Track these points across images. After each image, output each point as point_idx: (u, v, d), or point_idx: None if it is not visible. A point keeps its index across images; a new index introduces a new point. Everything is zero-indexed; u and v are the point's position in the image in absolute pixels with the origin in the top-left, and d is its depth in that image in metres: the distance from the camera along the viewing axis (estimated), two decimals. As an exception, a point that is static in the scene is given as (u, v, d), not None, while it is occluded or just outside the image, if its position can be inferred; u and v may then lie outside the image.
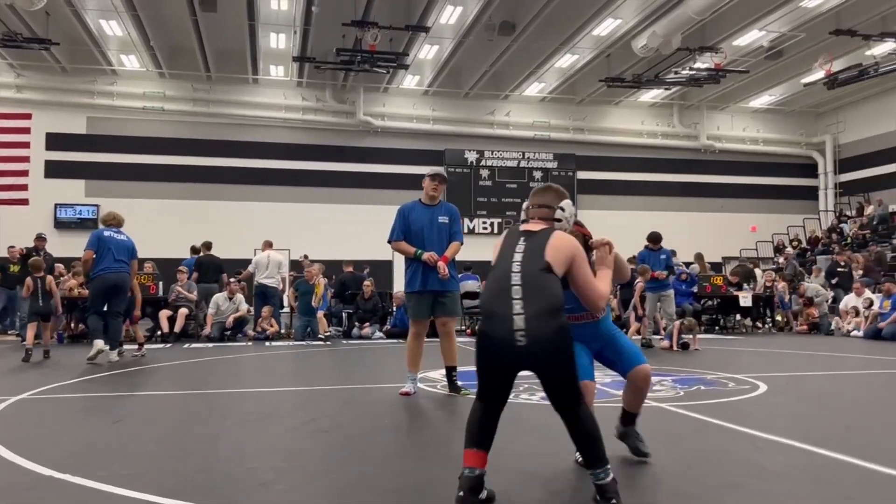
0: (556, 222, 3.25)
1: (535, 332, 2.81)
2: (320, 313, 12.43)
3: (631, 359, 3.68)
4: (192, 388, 6.91)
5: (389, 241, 6.16)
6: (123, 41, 18.05)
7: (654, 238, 11.37)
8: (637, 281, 11.27)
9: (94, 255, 8.64)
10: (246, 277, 13.30)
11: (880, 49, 17.27)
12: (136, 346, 9.61)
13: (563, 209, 3.32)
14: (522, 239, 3.14)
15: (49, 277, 9.52)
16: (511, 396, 3.56)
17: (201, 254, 13.51)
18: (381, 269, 18.50)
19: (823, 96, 22.20)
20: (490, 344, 2.91)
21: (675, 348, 10.49)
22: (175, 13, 16.35)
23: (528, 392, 6.19)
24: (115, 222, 9.01)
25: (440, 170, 6.25)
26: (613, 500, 2.88)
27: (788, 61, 19.33)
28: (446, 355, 6.24)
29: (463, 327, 14.31)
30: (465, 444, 3.00)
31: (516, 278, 2.95)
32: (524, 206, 3.49)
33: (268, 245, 13.44)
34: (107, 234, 8.80)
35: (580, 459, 3.35)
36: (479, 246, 19.10)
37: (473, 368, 3.09)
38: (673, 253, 15.77)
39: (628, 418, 3.84)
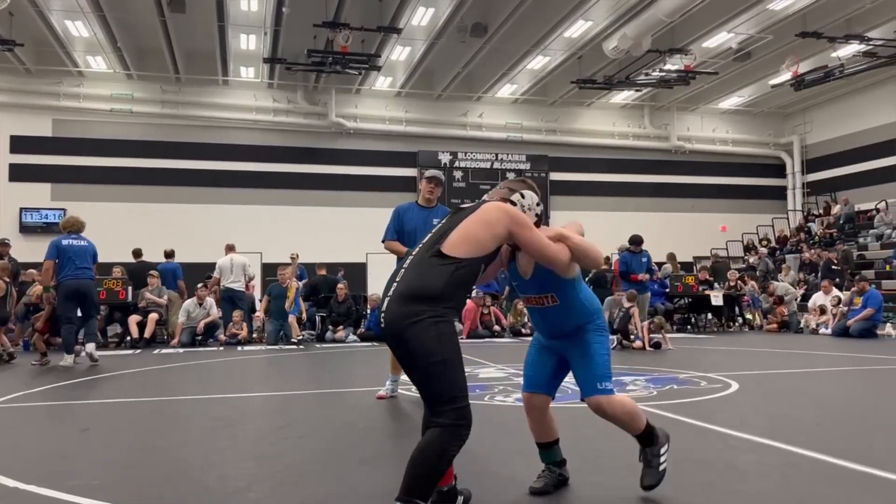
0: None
1: (390, 314, 2.68)
2: (292, 317, 12.30)
3: (585, 387, 3.22)
4: (162, 394, 6.80)
5: (383, 241, 6.13)
6: (90, 42, 17.74)
7: (636, 240, 11.39)
8: (630, 307, 11.05)
9: (56, 264, 8.73)
10: (214, 284, 13.10)
11: (845, 51, 17.59)
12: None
13: (522, 196, 3.11)
14: (448, 217, 2.98)
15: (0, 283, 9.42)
16: (485, 399, 3.57)
17: (133, 261, 13.45)
18: (355, 272, 18.44)
19: (791, 97, 22.56)
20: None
21: (647, 348, 10.58)
22: (143, 14, 16.12)
23: (502, 394, 6.19)
24: (74, 228, 9.07)
25: (437, 173, 6.25)
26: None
27: (756, 63, 19.62)
28: None
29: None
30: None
31: (408, 260, 2.86)
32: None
33: (230, 248, 13.29)
34: (66, 242, 8.87)
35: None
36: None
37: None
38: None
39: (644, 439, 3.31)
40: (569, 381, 3.47)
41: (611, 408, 3.16)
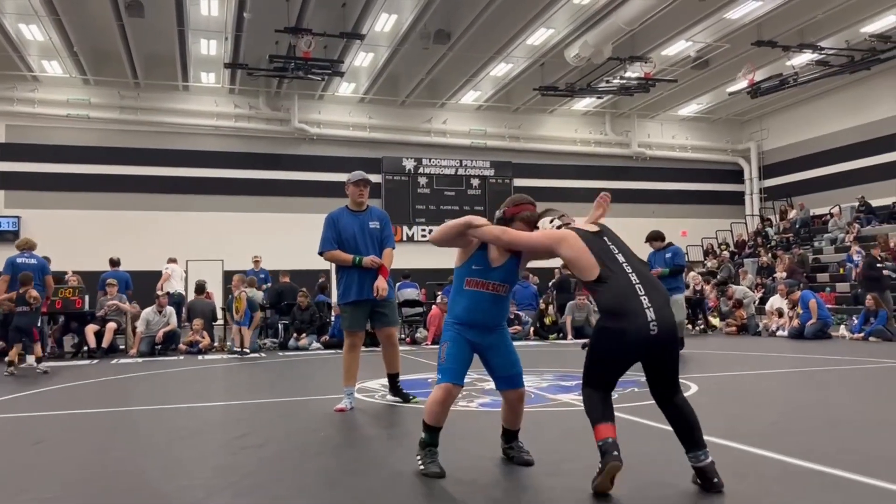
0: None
1: (663, 321, 3.22)
2: (237, 328, 12.00)
3: (513, 379, 3.79)
4: (120, 405, 6.67)
5: (321, 253, 5.85)
6: (45, 46, 17.37)
7: (654, 237, 10.53)
8: None
9: (10, 279, 9.90)
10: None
11: (799, 60, 18.04)
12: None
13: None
14: (605, 238, 3.60)
15: None
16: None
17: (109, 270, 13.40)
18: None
19: (748, 105, 23.06)
20: (628, 337, 3.22)
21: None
22: (100, 18, 15.83)
23: (465, 399, 6.20)
24: (27, 247, 10.43)
25: (363, 174, 5.99)
26: (715, 480, 3.25)
27: (714, 71, 20.02)
28: (390, 363, 6.10)
29: (403, 336, 14.25)
30: (597, 421, 3.29)
31: (634, 277, 3.34)
32: (546, 213, 4.00)
33: (173, 261, 14.24)
34: (20, 260, 10.18)
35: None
36: (418, 253, 19.17)
37: (418, 376, 3.08)
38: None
39: (510, 435, 3.96)
40: (531, 384, 3.49)
41: (525, 399, 3.89)
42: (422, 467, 3.64)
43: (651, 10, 15.02)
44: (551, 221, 3.82)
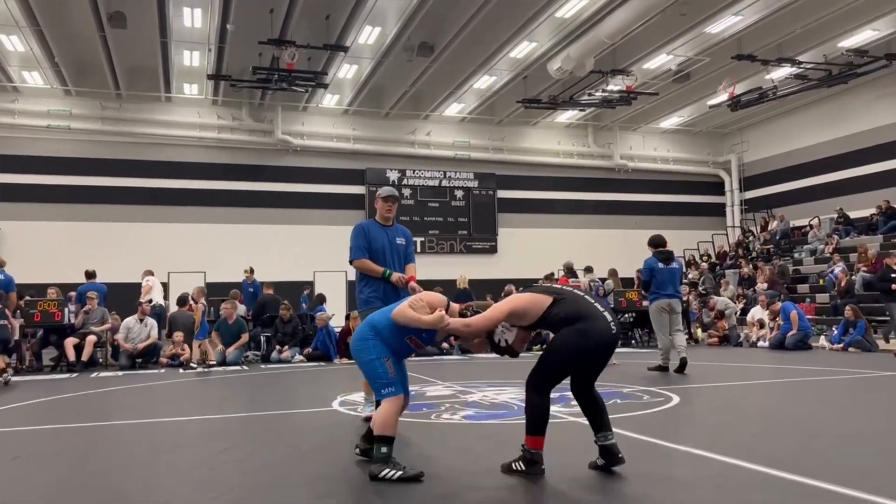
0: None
1: (616, 325, 3.86)
2: (198, 341, 11.83)
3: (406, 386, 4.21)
4: (100, 419, 6.59)
5: (352, 261, 5.82)
6: (26, 57, 17.24)
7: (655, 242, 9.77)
8: None
9: None
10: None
11: (778, 73, 18.30)
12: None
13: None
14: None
15: None
16: (432, 417, 3.55)
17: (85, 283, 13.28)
18: (301, 291, 18.21)
19: (728, 118, 23.32)
20: (595, 336, 3.75)
21: None
22: (82, 29, 15.75)
23: (449, 412, 6.19)
24: None
25: (394, 191, 6.08)
26: (619, 455, 3.80)
27: (695, 84, 20.25)
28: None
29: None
30: (539, 433, 3.80)
31: (585, 297, 3.95)
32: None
33: (149, 273, 14.01)
34: None
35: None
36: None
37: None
38: (588, 269, 16.15)
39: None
40: (515, 397, 3.50)
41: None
42: (400, 473, 3.76)
43: (632, 24, 15.17)
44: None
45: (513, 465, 3.86)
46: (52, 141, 19.65)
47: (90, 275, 13.27)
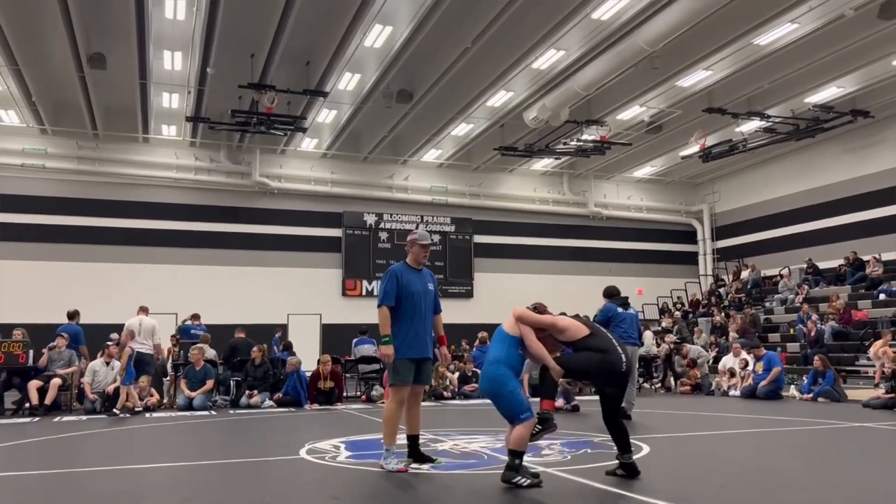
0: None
1: (629, 362, 5.15)
2: (124, 386, 11.38)
3: None
4: (60, 466, 6.41)
5: (381, 305, 5.82)
6: (2, 96, 17.17)
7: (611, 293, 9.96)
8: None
9: None
10: (124, 346, 12.46)
11: (748, 126, 18.75)
12: None
13: None
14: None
15: None
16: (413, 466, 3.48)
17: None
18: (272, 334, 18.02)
19: (700, 168, 23.79)
20: (611, 366, 5.02)
21: (565, 407, 10.73)
22: (61, 69, 15.77)
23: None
24: None
25: (429, 237, 6.24)
26: (639, 471, 5.12)
27: (667, 135, 20.69)
28: (413, 424, 6.01)
29: (357, 393, 14.06)
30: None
31: (610, 336, 5.25)
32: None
33: (142, 310, 12.90)
34: None
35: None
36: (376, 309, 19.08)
37: (373, 436, 3.04)
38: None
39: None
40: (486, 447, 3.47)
41: None
42: (528, 481, 4.80)
43: (606, 77, 15.55)
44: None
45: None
46: (27, 180, 19.48)
47: (70, 315, 12.98)
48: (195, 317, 15.53)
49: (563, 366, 5.08)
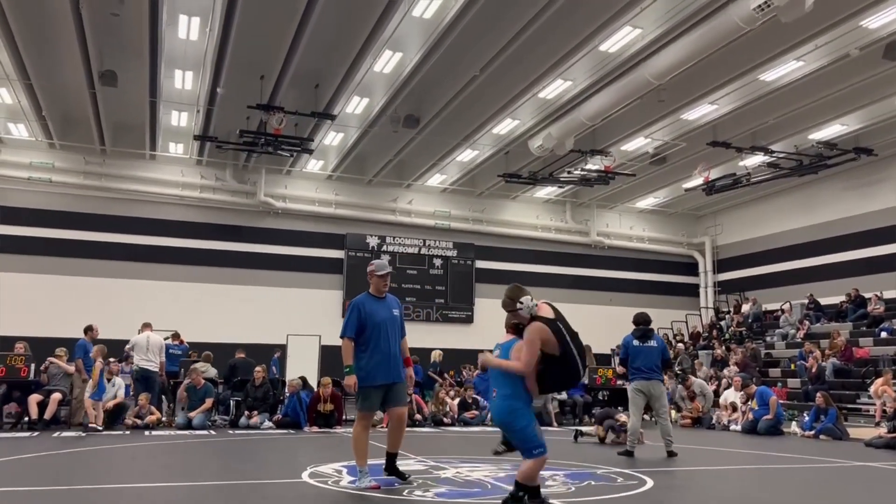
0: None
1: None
2: (90, 401, 11.22)
3: None
4: (57, 483, 6.38)
5: (343, 336, 6.17)
6: (13, 109, 17.30)
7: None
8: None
9: None
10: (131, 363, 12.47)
11: (751, 161, 18.86)
12: None
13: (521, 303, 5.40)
14: (559, 323, 5.40)
15: None
16: (405, 493, 3.50)
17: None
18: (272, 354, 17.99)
19: (702, 201, 23.89)
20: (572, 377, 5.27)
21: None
22: (72, 85, 15.91)
23: (421, 488, 6.09)
24: None
25: (389, 267, 6.67)
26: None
27: (671, 167, 20.80)
28: (394, 443, 6.35)
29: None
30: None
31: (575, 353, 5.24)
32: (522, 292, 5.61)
33: (147, 326, 12.85)
34: None
35: None
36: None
37: (374, 461, 3.03)
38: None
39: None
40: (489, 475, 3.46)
41: None
42: None
43: (612, 108, 15.68)
44: (531, 300, 5.44)
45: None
46: (33, 193, 19.54)
47: (86, 330, 12.93)
48: (175, 336, 15.33)
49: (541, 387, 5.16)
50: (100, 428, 11.03)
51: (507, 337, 5.32)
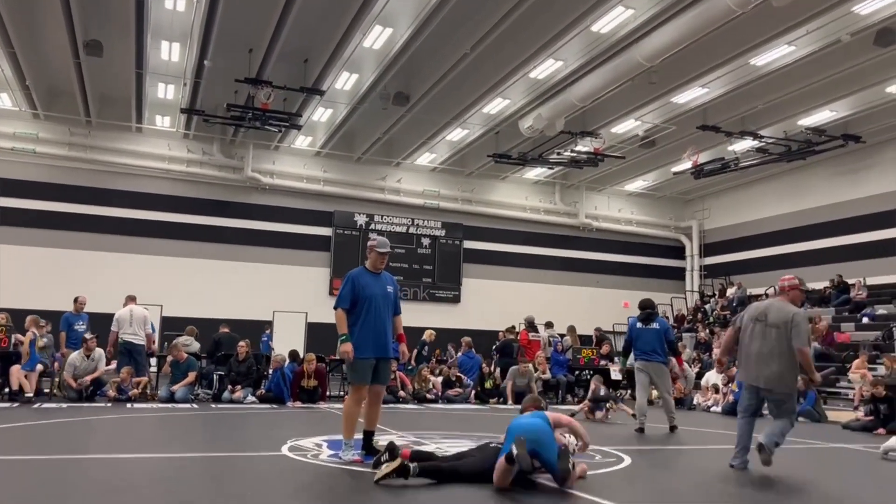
0: None
1: None
2: (23, 371, 10.98)
3: None
4: (39, 452, 6.36)
5: (337, 307, 6.18)
6: (-4, 78, 17.07)
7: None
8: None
9: None
10: (114, 338, 12.36)
11: (740, 145, 18.92)
12: None
13: None
14: None
15: None
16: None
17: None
18: (259, 330, 17.97)
19: (691, 185, 23.95)
20: None
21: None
22: (57, 54, 15.69)
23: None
24: None
25: (388, 244, 6.56)
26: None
27: (660, 151, 20.82)
28: (371, 420, 6.34)
29: (340, 392, 14.01)
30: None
31: None
32: None
33: (130, 299, 12.74)
34: None
35: None
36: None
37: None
38: (549, 325, 16.13)
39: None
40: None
41: None
42: None
43: (603, 89, 15.64)
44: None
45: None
46: (16, 164, 19.33)
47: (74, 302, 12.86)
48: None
49: None
50: (29, 395, 10.85)
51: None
